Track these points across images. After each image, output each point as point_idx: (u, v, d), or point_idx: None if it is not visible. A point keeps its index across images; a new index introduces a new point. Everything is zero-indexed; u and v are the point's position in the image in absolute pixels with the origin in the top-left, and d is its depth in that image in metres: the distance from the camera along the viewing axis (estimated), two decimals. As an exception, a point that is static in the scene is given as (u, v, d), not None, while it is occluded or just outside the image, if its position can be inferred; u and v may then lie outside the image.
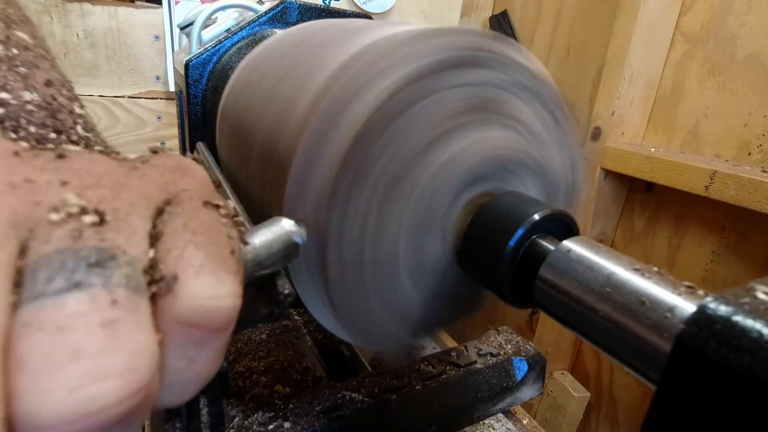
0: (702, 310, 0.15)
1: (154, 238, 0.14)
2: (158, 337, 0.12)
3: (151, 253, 0.13)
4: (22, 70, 0.17)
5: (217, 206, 0.16)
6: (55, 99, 0.18)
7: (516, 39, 1.09)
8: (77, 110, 0.19)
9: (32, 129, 0.16)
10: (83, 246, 0.12)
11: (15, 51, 0.18)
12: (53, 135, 0.17)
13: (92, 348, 0.11)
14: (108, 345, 0.11)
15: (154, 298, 0.13)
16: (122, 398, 0.11)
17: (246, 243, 0.18)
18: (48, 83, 0.18)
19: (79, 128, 0.18)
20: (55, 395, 0.10)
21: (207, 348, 0.13)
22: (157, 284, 0.13)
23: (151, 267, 0.13)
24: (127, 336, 0.11)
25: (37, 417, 0.10)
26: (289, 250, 0.19)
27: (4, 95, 0.16)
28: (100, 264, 0.12)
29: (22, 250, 0.11)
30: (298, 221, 0.20)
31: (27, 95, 0.17)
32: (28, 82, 0.17)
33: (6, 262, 0.11)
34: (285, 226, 0.19)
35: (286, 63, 0.36)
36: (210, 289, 0.13)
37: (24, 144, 0.14)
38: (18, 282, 0.11)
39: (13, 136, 0.15)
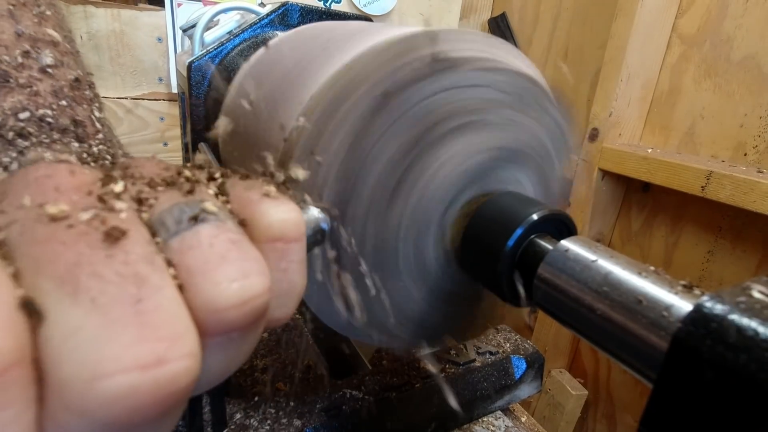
0: (698, 309, 0.16)
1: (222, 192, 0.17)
2: None
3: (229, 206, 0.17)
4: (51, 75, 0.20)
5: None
6: (77, 103, 0.20)
7: (514, 41, 1.10)
8: (96, 114, 0.20)
9: (55, 136, 0.17)
10: (187, 201, 0.15)
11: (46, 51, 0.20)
12: (75, 145, 0.19)
13: (233, 255, 0.14)
14: (241, 254, 0.14)
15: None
16: (263, 290, 0.14)
17: None
18: (72, 86, 0.20)
19: (99, 135, 0.20)
20: (222, 284, 0.13)
21: (292, 258, 0.16)
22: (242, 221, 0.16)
23: (232, 212, 0.16)
24: (248, 249, 0.14)
25: (214, 302, 0.13)
26: (317, 236, 0.21)
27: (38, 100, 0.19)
28: (205, 209, 0.15)
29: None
30: (323, 209, 0.21)
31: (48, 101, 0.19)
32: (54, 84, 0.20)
33: (136, 220, 0.14)
34: (314, 212, 0.21)
35: (287, 65, 0.36)
36: (282, 213, 0.16)
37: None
38: (152, 233, 0.14)
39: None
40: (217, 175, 0.18)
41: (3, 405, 0.10)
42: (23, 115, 0.19)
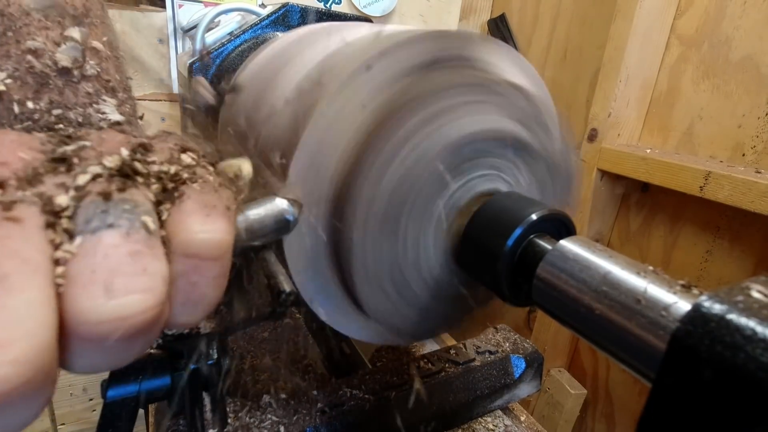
0: (697, 309, 0.16)
1: (165, 194, 0.17)
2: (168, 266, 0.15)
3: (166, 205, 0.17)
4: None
5: (213, 172, 0.19)
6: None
7: (514, 42, 1.10)
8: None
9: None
10: (113, 198, 0.15)
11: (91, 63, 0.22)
12: None
13: (124, 269, 0.14)
14: (134, 269, 0.14)
15: (163, 239, 0.16)
16: (145, 308, 0.14)
17: (240, 212, 0.20)
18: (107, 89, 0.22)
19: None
20: (98, 299, 0.13)
21: (205, 274, 0.17)
22: (164, 228, 0.16)
23: (159, 215, 0.16)
24: (147, 263, 0.14)
25: (83, 315, 0.13)
26: (280, 225, 0.21)
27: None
28: (126, 212, 0.15)
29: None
30: (291, 201, 0.22)
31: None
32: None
33: (37, 214, 0.14)
34: (278, 204, 0.21)
35: (288, 66, 0.36)
36: (205, 232, 0.16)
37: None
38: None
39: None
40: (178, 170, 0.18)
41: None
42: (56, 112, 0.21)
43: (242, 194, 0.21)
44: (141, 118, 0.25)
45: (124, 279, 0.14)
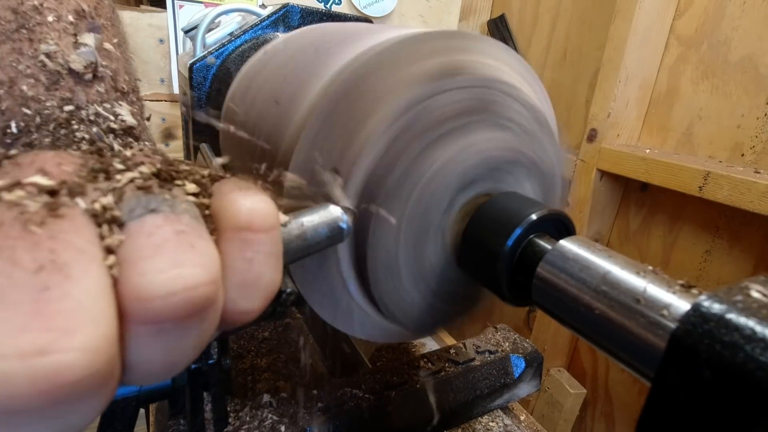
0: (696, 308, 0.16)
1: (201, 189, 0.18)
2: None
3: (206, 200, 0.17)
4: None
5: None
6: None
7: (514, 42, 1.10)
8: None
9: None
10: (153, 191, 0.16)
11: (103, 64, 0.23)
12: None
13: (169, 246, 0.14)
14: (181, 246, 0.14)
15: (210, 226, 0.16)
16: (197, 283, 0.14)
17: (294, 218, 0.21)
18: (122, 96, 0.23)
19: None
20: (148, 275, 0.13)
21: (258, 249, 0.16)
22: (209, 213, 0.17)
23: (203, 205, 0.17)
24: (193, 241, 0.14)
25: (137, 291, 0.13)
26: (334, 232, 0.22)
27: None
28: (167, 201, 0.15)
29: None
30: (345, 209, 0.23)
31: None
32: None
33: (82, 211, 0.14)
34: (333, 211, 0.22)
35: (289, 67, 0.36)
36: (250, 202, 0.17)
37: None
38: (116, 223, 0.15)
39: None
40: (205, 173, 0.19)
41: None
42: (67, 108, 0.21)
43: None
44: (148, 119, 0.25)
45: (172, 255, 0.14)
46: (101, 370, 0.12)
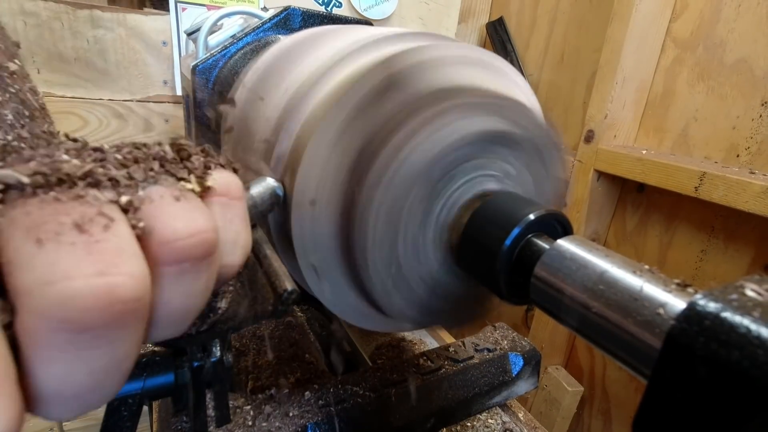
0: (692, 307, 0.16)
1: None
2: None
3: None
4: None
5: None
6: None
7: (512, 45, 1.11)
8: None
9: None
10: (152, 171, 0.18)
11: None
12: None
13: (179, 203, 0.17)
14: (185, 203, 0.17)
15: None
16: (207, 227, 0.17)
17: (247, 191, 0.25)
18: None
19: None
20: (170, 221, 0.16)
21: (235, 213, 0.20)
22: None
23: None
24: (192, 200, 0.17)
25: (164, 234, 0.16)
26: (274, 198, 0.28)
27: None
28: (165, 179, 0.18)
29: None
30: (278, 180, 0.28)
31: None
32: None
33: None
34: (270, 182, 0.28)
35: (290, 69, 0.37)
36: (223, 177, 0.20)
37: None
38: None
39: None
40: (193, 157, 0.21)
41: None
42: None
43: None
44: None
45: (182, 207, 0.17)
46: (143, 297, 0.14)
